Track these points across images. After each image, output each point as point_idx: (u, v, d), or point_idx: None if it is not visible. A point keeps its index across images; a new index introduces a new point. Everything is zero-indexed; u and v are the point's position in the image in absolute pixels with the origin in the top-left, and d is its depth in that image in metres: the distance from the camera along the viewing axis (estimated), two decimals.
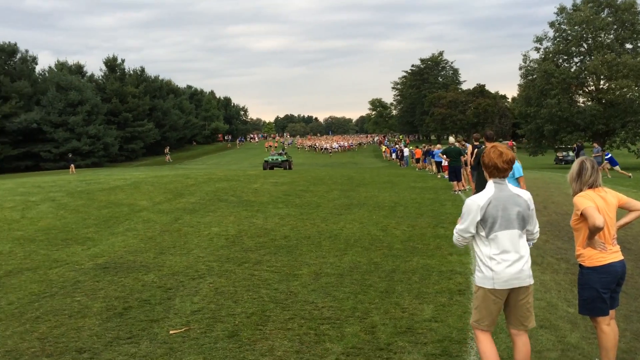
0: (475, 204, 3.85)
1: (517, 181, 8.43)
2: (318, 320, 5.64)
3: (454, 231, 4.04)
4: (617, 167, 26.53)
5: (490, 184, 3.94)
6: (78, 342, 5.12)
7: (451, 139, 18.28)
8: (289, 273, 7.54)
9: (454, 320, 5.62)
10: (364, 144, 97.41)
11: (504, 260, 3.80)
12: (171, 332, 5.35)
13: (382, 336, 5.20)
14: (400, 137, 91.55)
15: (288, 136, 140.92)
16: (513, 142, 61.99)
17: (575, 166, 4.55)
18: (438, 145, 28.76)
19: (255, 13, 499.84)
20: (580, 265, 4.45)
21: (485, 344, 3.95)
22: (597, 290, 4.33)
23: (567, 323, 5.64)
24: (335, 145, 78.79)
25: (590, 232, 4.25)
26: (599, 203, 4.36)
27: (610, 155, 27.53)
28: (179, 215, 12.55)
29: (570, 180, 4.56)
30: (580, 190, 4.46)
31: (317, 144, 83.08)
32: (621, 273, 4.43)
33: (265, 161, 39.58)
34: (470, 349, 4.91)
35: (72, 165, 38.24)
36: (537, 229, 4.06)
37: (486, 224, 3.82)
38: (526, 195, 3.95)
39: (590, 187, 4.45)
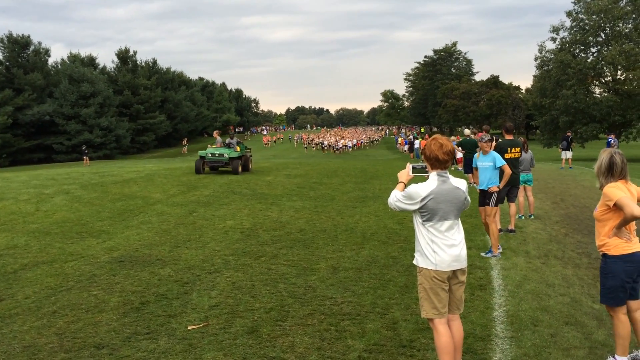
0: (417, 194, 3.92)
1: (499, 170, 8.32)
2: (338, 316, 5.54)
3: (393, 194, 4.07)
4: None
5: (433, 177, 3.99)
6: (96, 337, 5.06)
7: (467, 131, 18.07)
8: (306, 267, 7.45)
9: (477, 316, 5.50)
10: (377, 140, 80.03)
11: (444, 244, 3.92)
12: (190, 327, 5.28)
13: (404, 332, 5.10)
14: (422, 129, 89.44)
15: (312, 128, 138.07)
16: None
17: (605, 159, 4.42)
18: (452, 138, 28.51)
19: (270, 3, 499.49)
20: (605, 255, 4.41)
21: (445, 336, 3.93)
22: (622, 279, 4.29)
23: (593, 319, 5.49)
24: (349, 143, 62.16)
25: (624, 221, 4.22)
26: (627, 194, 4.29)
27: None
28: (193, 208, 12.50)
29: (597, 173, 4.46)
30: (609, 183, 4.38)
31: (325, 141, 62.99)
32: None
33: (200, 157, 21.00)
34: (495, 346, 4.80)
35: (86, 157, 38.34)
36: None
37: (425, 215, 3.95)
38: (464, 186, 4.05)
39: (621, 179, 4.38)
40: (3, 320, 5.53)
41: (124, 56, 72.34)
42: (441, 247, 3.92)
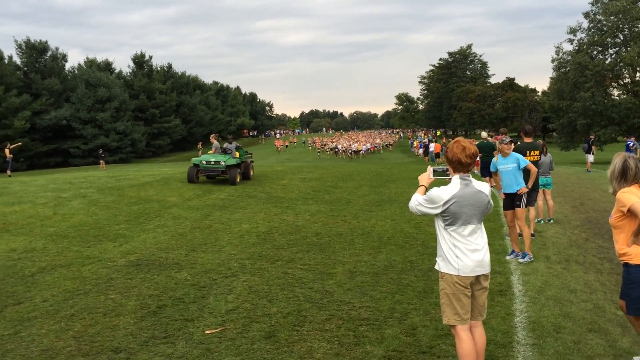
0: (440, 198, 3.85)
1: (522, 171, 8.13)
2: (356, 321, 5.48)
3: (415, 198, 4.00)
4: None
5: (456, 180, 3.92)
6: (114, 341, 5.05)
7: (483, 134, 17.88)
8: (323, 271, 7.40)
9: (498, 322, 5.40)
10: (392, 145, 74.35)
11: (467, 249, 3.87)
12: (207, 332, 5.25)
13: (424, 339, 5.02)
14: (439, 133, 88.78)
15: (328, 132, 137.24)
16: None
17: (618, 164, 4.31)
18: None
19: (283, 7, 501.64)
20: (627, 264, 4.27)
21: (467, 343, 3.86)
22: None
23: (617, 327, 5.37)
24: (363, 147, 58.38)
25: None
26: None
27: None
28: (208, 211, 12.50)
29: (611, 177, 4.35)
30: (622, 188, 4.28)
31: (339, 146, 58.75)
32: None
33: (194, 165, 18.44)
34: (517, 353, 4.70)
35: (103, 161, 38.67)
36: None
37: (447, 219, 3.89)
38: (487, 189, 4.00)
39: (634, 183, 4.27)
40: (22, 324, 5.55)
41: (140, 61, 72.95)
42: (464, 252, 3.85)
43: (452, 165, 3.95)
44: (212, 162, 17.97)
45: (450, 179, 4.05)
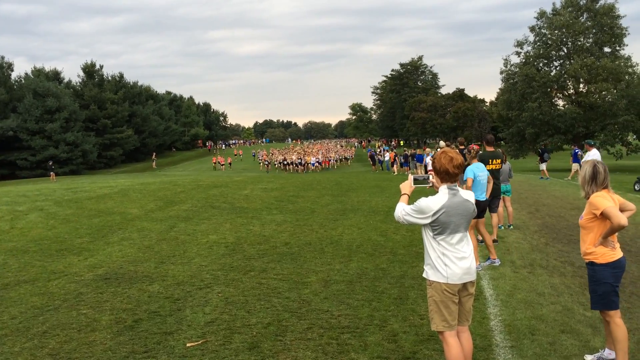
0: (429, 209, 3.90)
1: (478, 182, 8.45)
2: (337, 330, 5.52)
3: (401, 208, 4.04)
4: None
5: (444, 190, 4.00)
6: (92, 357, 4.93)
7: (442, 143, 18.32)
8: (297, 281, 7.41)
9: (474, 326, 5.54)
10: (350, 158, 66.16)
11: (455, 257, 3.94)
12: (188, 344, 5.19)
13: (406, 344, 5.11)
14: (402, 143, 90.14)
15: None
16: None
17: (588, 169, 4.60)
18: (427, 149, 28.76)
19: (237, 18, 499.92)
20: (592, 263, 4.58)
21: (455, 348, 3.98)
22: (611, 285, 4.49)
23: (588, 327, 5.60)
24: (313, 159, 52.34)
25: (612, 231, 4.41)
26: (613, 204, 4.49)
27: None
28: (173, 223, 12.32)
29: (582, 182, 4.64)
30: (594, 192, 4.54)
31: (287, 158, 53.89)
32: (625, 267, 4.64)
33: None
34: (497, 355, 4.85)
35: (53, 173, 37.47)
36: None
37: (436, 228, 3.95)
38: (473, 198, 4.10)
39: (604, 188, 4.55)
40: None
41: (90, 70, 71.10)
42: (452, 260, 3.94)
43: (440, 175, 4.03)
44: None
45: (431, 186, 4.17)
